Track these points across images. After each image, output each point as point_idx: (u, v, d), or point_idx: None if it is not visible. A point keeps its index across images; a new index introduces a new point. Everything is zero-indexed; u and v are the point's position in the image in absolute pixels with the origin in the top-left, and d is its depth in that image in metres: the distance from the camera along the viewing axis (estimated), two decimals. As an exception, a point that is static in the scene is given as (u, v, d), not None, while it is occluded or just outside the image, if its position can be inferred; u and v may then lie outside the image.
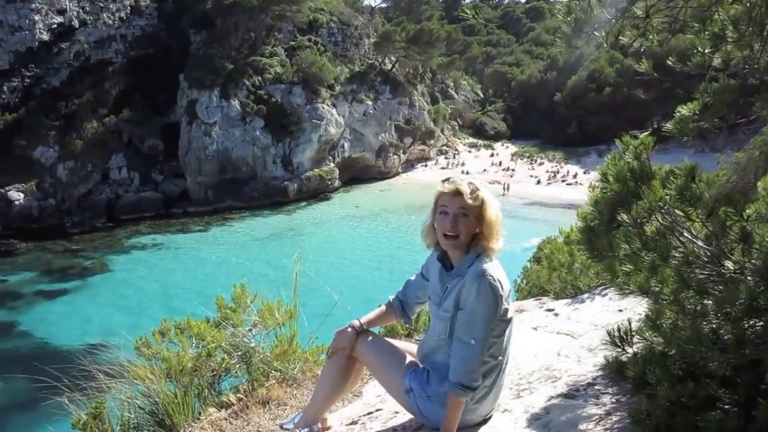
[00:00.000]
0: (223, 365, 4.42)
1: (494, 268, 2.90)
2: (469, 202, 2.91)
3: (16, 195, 46.00)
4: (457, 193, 2.94)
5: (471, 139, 72.65)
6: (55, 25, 51.98)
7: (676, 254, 2.29)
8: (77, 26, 52.92)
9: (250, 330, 4.77)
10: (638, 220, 2.35)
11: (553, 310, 5.20)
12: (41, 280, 36.49)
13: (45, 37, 51.60)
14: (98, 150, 49.22)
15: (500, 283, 2.86)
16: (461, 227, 2.93)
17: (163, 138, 52.19)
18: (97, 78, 52.12)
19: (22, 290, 34.92)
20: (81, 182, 48.25)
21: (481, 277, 2.85)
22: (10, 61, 50.74)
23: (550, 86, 70.41)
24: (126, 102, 52.21)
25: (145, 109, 52.74)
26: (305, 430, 3.32)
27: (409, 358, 3.18)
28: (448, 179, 3.04)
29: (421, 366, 3.12)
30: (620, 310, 4.34)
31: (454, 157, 65.28)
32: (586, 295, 5.45)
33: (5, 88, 50.44)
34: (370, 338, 3.24)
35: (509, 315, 2.94)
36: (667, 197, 2.29)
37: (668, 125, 2.53)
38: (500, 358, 2.96)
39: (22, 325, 30.43)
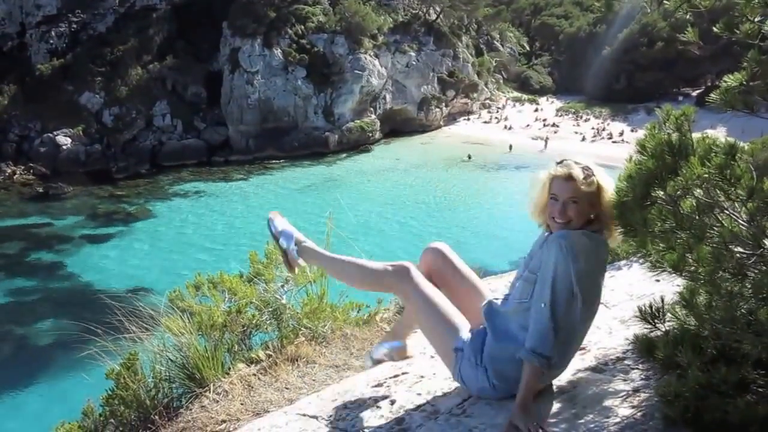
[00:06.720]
0: (254, 321, 4.46)
1: (587, 243, 2.73)
2: (582, 188, 2.76)
3: (64, 140, 46.95)
4: (570, 178, 2.79)
5: (515, 93, 71.41)
6: (101, -30, 52.24)
7: (713, 233, 2.20)
8: (123, -29, 53.11)
9: (282, 286, 4.79)
10: (673, 197, 2.25)
11: (588, 276, 5.09)
12: (87, 225, 37.41)
13: (91, -19, 51.93)
14: (142, 97, 49.75)
15: (582, 255, 2.68)
16: (571, 214, 2.78)
17: (205, 86, 52.46)
18: (142, 24, 52.41)
19: (68, 233, 35.88)
20: (126, 128, 48.95)
21: (560, 239, 2.71)
22: (58, 7, 51.30)
23: (599, 40, 68.48)
24: (169, 49, 52.49)
25: (188, 56, 53.00)
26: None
27: (464, 317, 3.09)
28: (561, 162, 2.88)
29: (478, 328, 3.02)
30: (657, 281, 4.23)
31: (498, 112, 64.33)
32: (623, 262, 5.33)
33: (53, 33, 51.10)
34: (425, 283, 3.14)
35: (580, 304, 2.72)
36: (706, 175, 2.18)
37: (713, 95, 2.41)
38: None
39: (69, 267, 31.33)
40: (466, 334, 3.01)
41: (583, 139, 55.49)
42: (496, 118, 62.56)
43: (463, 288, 3.24)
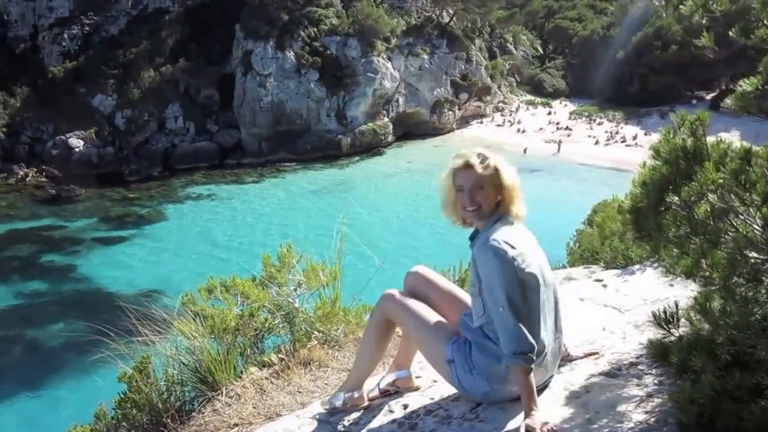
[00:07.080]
0: (266, 325, 4.46)
1: (506, 232, 2.89)
2: (480, 171, 2.92)
3: (77, 142, 47.13)
4: (468, 165, 2.96)
5: (528, 97, 71.05)
6: (114, -28, 52.45)
7: (728, 238, 2.18)
8: (135, -27, 53.29)
9: (295, 290, 4.79)
10: (688, 202, 2.24)
11: (601, 280, 5.08)
12: (99, 227, 37.53)
13: (104, -16, 52.16)
14: (155, 99, 49.86)
15: (509, 245, 2.83)
16: (480, 199, 2.94)
17: (218, 88, 52.51)
18: (154, 27, 52.51)
19: (81, 236, 36.02)
20: (138, 131, 49.08)
21: (486, 244, 2.86)
22: (71, 9, 51.59)
23: (613, 43, 68.09)
24: (182, 51, 52.54)
25: (201, 59, 53.00)
26: (347, 395, 3.32)
27: (450, 328, 3.15)
28: (457, 155, 3.04)
29: (462, 336, 3.07)
30: (671, 285, 4.21)
31: (511, 115, 64.10)
32: (636, 267, 5.31)
33: (65, 35, 51.36)
34: (411, 302, 3.21)
35: (538, 282, 2.89)
36: (721, 180, 2.17)
37: (728, 100, 2.40)
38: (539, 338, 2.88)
39: (81, 269, 31.44)
40: (451, 344, 3.08)
41: (597, 142, 55.26)
42: (509, 121, 62.33)
43: (445, 301, 3.30)
